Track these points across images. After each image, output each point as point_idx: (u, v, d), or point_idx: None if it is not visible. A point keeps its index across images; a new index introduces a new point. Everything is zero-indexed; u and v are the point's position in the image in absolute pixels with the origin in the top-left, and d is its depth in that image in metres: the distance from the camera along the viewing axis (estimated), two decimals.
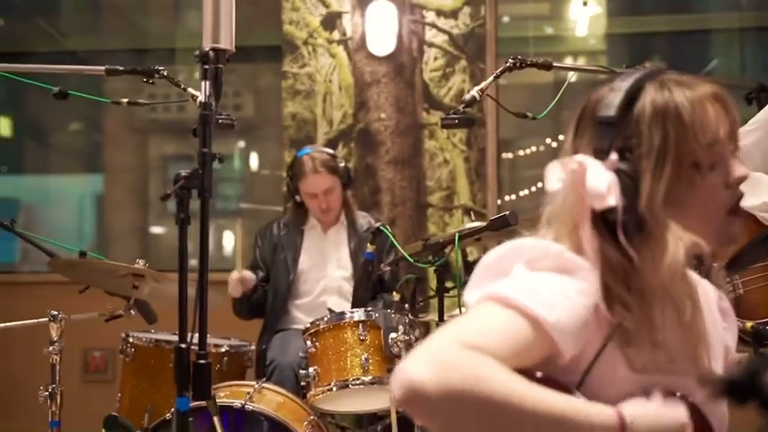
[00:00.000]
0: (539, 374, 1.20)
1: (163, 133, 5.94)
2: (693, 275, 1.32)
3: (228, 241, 5.85)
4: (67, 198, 5.89)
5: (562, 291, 1.20)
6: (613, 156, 1.24)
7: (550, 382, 1.19)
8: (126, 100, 2.97)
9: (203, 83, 1.94)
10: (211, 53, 1.94)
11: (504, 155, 5.19)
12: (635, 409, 1.17)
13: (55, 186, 5.94)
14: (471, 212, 4.39)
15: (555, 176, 1.27)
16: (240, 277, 3.44)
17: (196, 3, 2.01)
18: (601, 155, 1.25)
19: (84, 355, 4.75)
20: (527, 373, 1.18)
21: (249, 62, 5.47)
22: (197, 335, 3.20)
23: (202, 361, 1.91)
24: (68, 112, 5.65)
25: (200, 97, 1.93)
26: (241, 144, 5.83)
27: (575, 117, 1.34)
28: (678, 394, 1.23)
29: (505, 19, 5.38)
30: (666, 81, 1.28)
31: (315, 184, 3.55)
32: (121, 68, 2.87)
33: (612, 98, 1.27)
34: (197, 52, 1.95)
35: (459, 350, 1.12)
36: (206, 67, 1.94)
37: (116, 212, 5.66)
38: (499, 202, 4.78)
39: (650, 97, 1.26)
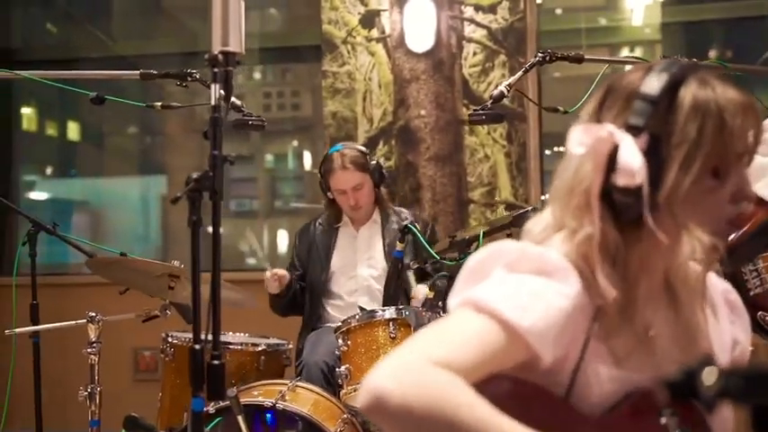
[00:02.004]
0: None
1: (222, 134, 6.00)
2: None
3: (283, 240, 5.90)
4: (132, 200, 6.01)
5: (539, 293, 1.17)
6: (645, 136, 1.20)
7: (539, 391, 1.18)
8: (160, 104, 3.04)
9: (213, 86, 1.94)
10: (220, 56, 1.95)
11: (555, 148, 5.12)
12: None
13: (119, 188, 6.05)
14: (504, 208, 4.33)
15: (576, 140, 1.23)
16: (272, 274, 3.51)
17: (249, 2, 2.01)
18: (633, 131, 1.21)
19: (135, 354, 4.87)
20: (509, 379, 1.17)
21: (303, 62, 5.52)
22: (237, 334, 3.32)
23: (216, 362, 1.91)
24: (130, 116, 5.78)
25: (212, 100, 1.94)
26: (294, 143, 5.89)
27: (601, 89, 1.30)
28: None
29: (558, 11, 5.31)
30: (708, 79, 1.25)
31: (343, 180, 3.57)
32: (155, 72, 2.93)
33: (657, 79, 1.23)
34: (206, 56, 1.96)
35: (426, 366, 1.11)
36: (215, 70, 1.95)
37: (179, 213, 5.75)
38: (545, 196, 4.71)
39: (692, 90, 1.23)
